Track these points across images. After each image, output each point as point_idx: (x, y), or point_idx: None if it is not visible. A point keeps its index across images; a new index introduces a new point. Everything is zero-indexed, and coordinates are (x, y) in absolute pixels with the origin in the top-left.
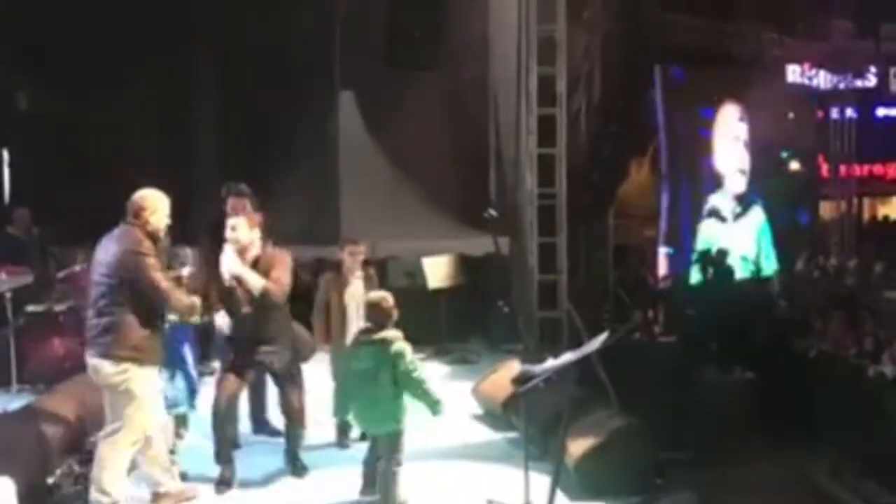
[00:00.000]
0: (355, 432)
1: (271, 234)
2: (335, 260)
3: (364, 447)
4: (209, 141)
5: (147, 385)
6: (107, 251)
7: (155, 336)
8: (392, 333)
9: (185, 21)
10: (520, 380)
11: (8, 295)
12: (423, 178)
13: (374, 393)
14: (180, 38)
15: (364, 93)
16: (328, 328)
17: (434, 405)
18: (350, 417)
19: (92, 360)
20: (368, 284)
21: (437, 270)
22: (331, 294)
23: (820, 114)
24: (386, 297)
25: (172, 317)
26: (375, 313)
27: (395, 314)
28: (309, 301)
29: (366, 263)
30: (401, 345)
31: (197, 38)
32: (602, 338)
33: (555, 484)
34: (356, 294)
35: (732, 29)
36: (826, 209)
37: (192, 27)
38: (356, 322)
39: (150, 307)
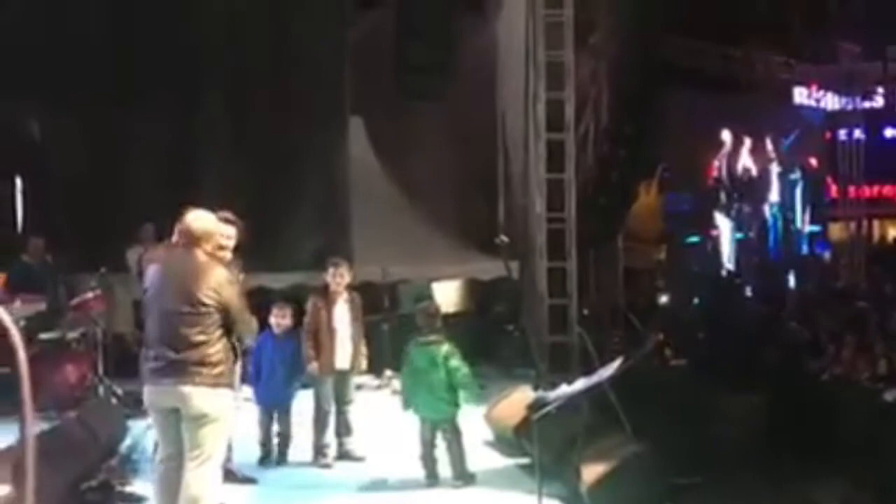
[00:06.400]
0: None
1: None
2: (319, 284)
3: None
4: (220, 168)
5: (231, 409)
6: (181, 279)
7: (233, 359)
8: (440, 336)
9: (195, 48)
10: (534, 406)
11: (21, 323)
12: (433, 204)
13: (431, 385)
14: (190, 67)
15: (374, 119)
16: (319, 352)
17: (475, 393)
18: (411, 411)
19: (181, 389)
20: (352, 307)
21: (447, 295)
22: (320, 318)
23: (828, 135)
24: (432, 304)
25: (249, 340)
26: (426, 319)
27: (440, 318)
28: None
29: (349, 287)
30: (449, 346)
31: (207, 66)
32: (617, 364)
33: None
34: (343, 316)
35: (740, 53)
36: (835, 231)
37: (202, 54)
38: (346, 344)
39: (230, 332)
